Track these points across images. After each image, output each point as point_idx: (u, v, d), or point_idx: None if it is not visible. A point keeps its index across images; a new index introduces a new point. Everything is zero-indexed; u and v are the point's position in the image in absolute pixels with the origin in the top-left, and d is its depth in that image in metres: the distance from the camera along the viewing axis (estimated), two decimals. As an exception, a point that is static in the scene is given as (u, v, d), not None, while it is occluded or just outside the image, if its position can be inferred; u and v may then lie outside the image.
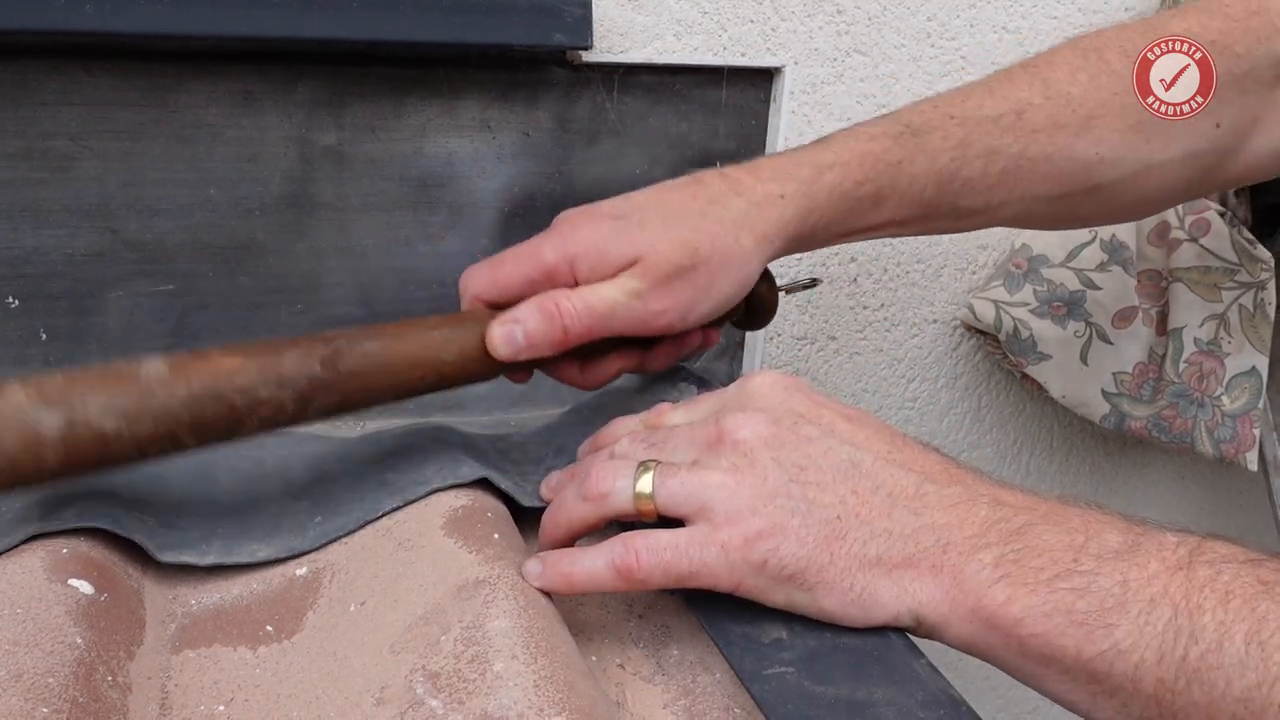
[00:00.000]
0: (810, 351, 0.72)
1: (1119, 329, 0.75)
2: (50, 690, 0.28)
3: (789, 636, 0.34)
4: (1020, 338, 0.73)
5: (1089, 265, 0.74)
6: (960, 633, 0.33)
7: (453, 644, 0.32)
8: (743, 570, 0.34)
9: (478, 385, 0.43)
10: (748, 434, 0.36)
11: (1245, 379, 0.75)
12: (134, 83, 0.49)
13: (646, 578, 0.34)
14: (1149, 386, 0.76)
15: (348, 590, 0.37)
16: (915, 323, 0.75)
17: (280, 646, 0.36)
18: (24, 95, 0.47)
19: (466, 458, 0.43)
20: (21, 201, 0.49)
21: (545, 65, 0.55)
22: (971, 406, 0.81)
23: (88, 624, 0.32)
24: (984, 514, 0.34)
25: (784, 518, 0.34)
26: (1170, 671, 0.29)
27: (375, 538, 0.39)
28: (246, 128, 0.51)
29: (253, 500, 0.43)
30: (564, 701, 0.29)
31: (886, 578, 0.34)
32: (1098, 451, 0.89)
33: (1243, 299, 0.74)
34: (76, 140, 0.49)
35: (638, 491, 0.36)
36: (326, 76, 0.52)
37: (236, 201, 0.52)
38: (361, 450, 0.46)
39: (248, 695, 0.33)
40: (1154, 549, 0.31)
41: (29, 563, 0.34)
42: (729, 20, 0.59)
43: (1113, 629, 0.30)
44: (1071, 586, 0.31)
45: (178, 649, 0.35)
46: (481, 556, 0.36)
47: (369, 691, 0.31)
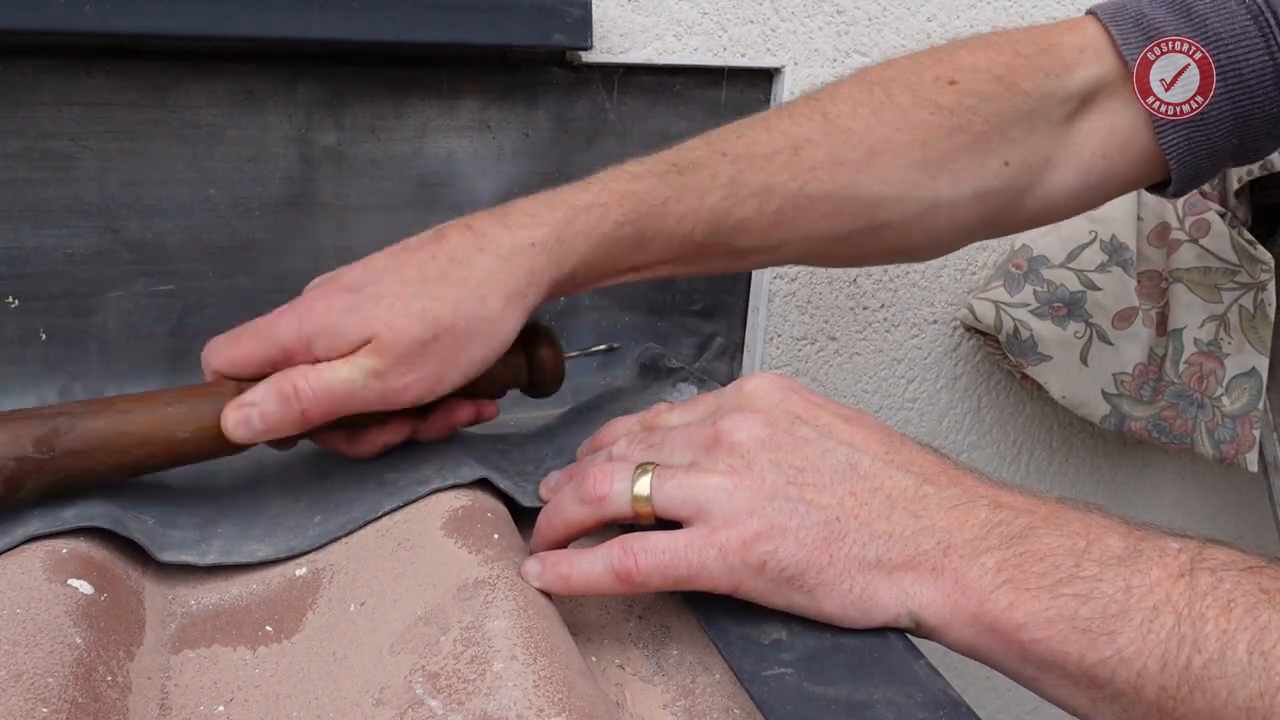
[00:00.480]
0: (810, 352, 0.72)
1: (1119, 330, 0.75)
2: (50, 690, 0.28)
3: (788, 637, 0.34)
4: (1020, 338, 0.73)
5: (1089, 266, 0.74)
6: (961, 636, 0.33)
7: (452, 644, 0.32)
8: (742, 572, 0.34)
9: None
10: (744, 436, 0.36)
11: (1245, 380, 0.75)
12: (134, 82, 0.49)
13: (645, 581, 0.34)
14: (1149, 387, 0.76)
15: (347, 590, 0.37)
16: (915, 323, 0.75)
17: (280, 647, 0.36)
18: (24, 95, 0.47)
19: (466, 458, 0.43)
20: (21, 201, 0.49)
21: (545, 65, 0.55)
22: (971, 407, 0.81)
23: (87, 624, 0.32)
24: (984, 516, 0.34)
25: (782, 519, 0.34)
26: (1173, 680, 0.29)
27: (375, 538, 0.39)
28: (246, 128, 0.51)
29: (252, 500, 0.43)
30: (563, 702, 0.29)
31: (886, 580, 0.34)
32: (1098, 452, 0.89)
33: (1243, 300, 0.74)
34: (76, 140, 0.49)
35: (635, 494, 0.36)
36: (326, 76, 0.52)
37: (236, 201, 0.52)
38: (361, 450, 0.46)
39: (247, 695, 0.33)
40: (1156, 555, 0.31)
41: (29, 563, 0.34)
42: (729, 21, 0.59)
43: (1115, 636, 0.30)
44: (1074, 592, 0.31)
45: (177, 649, 0.35)
46: (481, 557, 0.36)
47: (368, 692, 0.31)
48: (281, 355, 0.39)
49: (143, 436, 0.38)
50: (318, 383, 0.38)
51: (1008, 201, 0.49)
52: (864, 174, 0.45)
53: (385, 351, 0.38)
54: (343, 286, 0.40)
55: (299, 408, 0.38)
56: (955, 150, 0.46)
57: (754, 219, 0.45)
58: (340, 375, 0.38)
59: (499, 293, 0.40)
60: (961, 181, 0.47)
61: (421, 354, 0.39)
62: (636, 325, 0.63)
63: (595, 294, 0.61)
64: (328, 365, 0.39)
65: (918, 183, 0.46)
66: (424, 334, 0.39)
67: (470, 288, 0.39)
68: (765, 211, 0.45)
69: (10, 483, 0.35)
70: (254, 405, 0.39)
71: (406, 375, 0.39)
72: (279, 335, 0.39)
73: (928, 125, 0.46)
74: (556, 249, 0.41)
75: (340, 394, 0.39)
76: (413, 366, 0.39)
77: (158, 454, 0.38)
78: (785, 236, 0.46)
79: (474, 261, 0.40)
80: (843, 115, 0.46)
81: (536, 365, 0.46)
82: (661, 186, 0.43)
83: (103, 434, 0.37)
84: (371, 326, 0.38)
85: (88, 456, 0.37)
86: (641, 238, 0.43)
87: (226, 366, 0.40)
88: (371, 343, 0.38)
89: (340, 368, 0.39)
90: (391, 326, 0.38)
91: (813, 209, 0.45)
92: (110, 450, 0.37)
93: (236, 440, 0.39)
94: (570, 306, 0.61)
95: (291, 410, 0.38)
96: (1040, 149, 0.48)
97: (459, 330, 0.39)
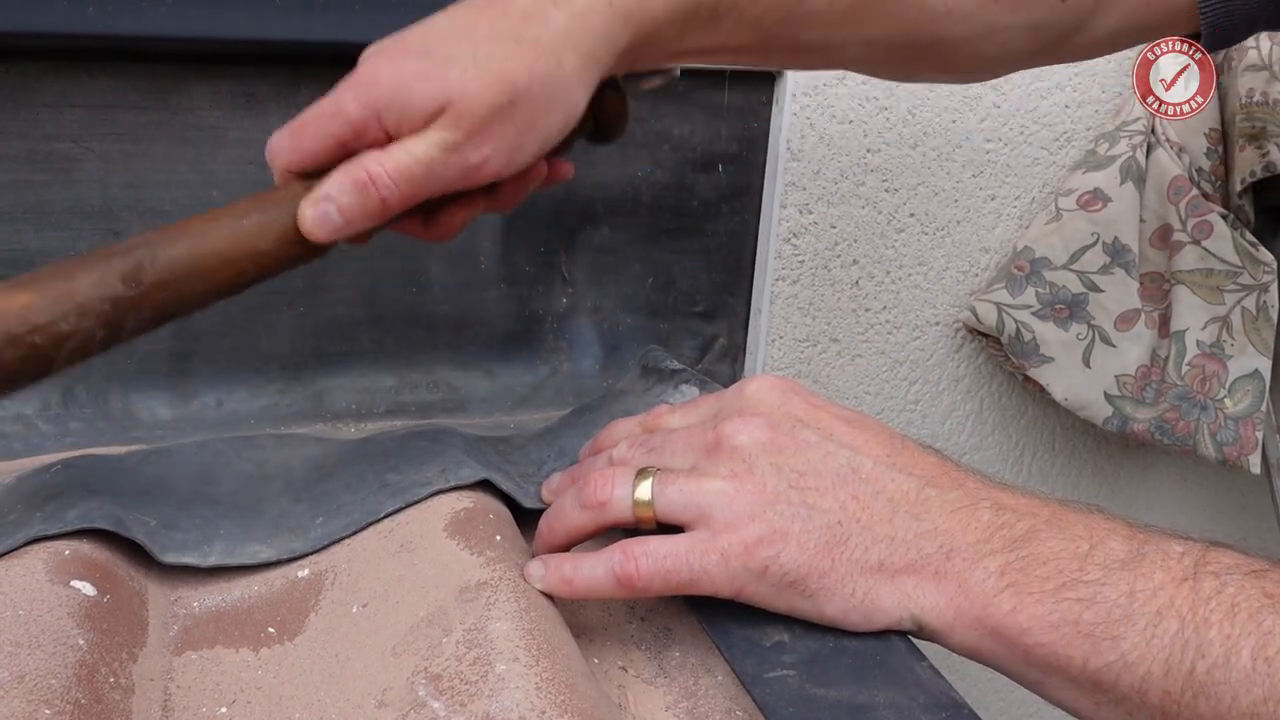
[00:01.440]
0: (813, 354, 0.72)
1: (1121, 331, 0.75)
2: (53, 692, 0.29)
3: (790, 639, 0.34)
4: (1022, 340, 0.73)
5: (1091, 268, 0.74)
6: (964, 640, 0.33)
7: (455, 646, 0.32)
8: (743, 577, 0.34)
9: (478, 387, 0.43)
10: (745, 440, 0.36)
11: (1248, 381, 0.75)
12: (136, 84, 0.49)
13: (646, 586, 0.34)
14: (1151, 389, 0.76)
15: (350, 592, 0.37)
16: (917, 325, 0.75)
17: (282, 648, 0.36)
18: (26, 97, 0.47)
19: (468, 459, 0.43)
20: (24, 203, 0.49)
21: (547, 67, 0.55)
22: (974, 409, 0.81)
23: (90, 625, 0.32)
24: (987, 519, 0.34)
25: (784, 524, 0.34)
26: (1177, 685, 0.29)
27: (377, 539, 0.39)
28: (249, 130, 0.51)
29: (254, 501, 0.43)
30: (566, 703, 0.29)
31: (889, 583, 0.34)
32: (1100, 454, 0.89)
33: (1245, 301, 0.74)
34: (79, 142, 0.49)
35: (636, 499, 0.36)
36: (329, 78, 0.51)
37: (239, 203, 0.52)
38: (363, 452, 0.46)
39: (249, 697, 0.33)
40: (1159, 559, 0.31)
41: (31, 565, 0.34)
42: (731, 22, 0.59)
43: (1119, 641, 0.30)
44: (1078, 597, 0.31)
45: (180, 650, 0.35)
46: (483, 559, 0.36)
47: (371, 694, 0.31)
48: (351, 135, 0.36)
49: (225, 255, 0.36)
50: (393, 165, 0.36)
51: (1056, 38, 0.49)
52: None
53: (461, 122, 0.36)
54: (410, 50, 0.37)
55: (378, 195, 0.36)
56: None
57: (825, 13, 0.44)
58: (417, 154, 0.36)
59: (575, 53, 0.37)
60: (1019, 11, 0.47)
61: (499, 123, 0.36)
62: (638, 327, 0.63)
63: (597, 297, 0.61)
64: (400, 145, 0.36)
65: (981, 4, 0.46)
66: (500, 100, 0.36)
67: (545, 47, 0.37)
68: (835, 8, 0.44)
69: (111, 324, 0.34)
70: (330, 200, 0.36)
71: (484, 147, 0.36)
72: (346, 112, 0.36)
73: None
74: (636, 10, 0.38)
75: (419, 175, 0.36)
76: (490, 136, 0.36)
77: (245, 270, 0.36)
78: (849, 37, 0.46)
79: (549, 19, 0.37)
80: None
81: (602, 110, 0.43)
82: None
83: (185, 260, 0.35)
84: (446, 93, 0.35)
85: (177, 285, 0.35)
86: (716, 13, 0.41)
87: (294, 161, 0.37)
88: (446, 112, 0.36)
89: (415, 145, 0.36)
90: (466, 93, 0.35)
91: (880, 10, 0.45)
92: (197, 275, 0.35)
93: (318, 239, 0.36)
94: (571, 308, 0.61)
95: (371, 199, 0.36)
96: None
97: (536, 95, 0.37)
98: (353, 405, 0.58)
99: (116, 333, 0.34)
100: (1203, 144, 0.76)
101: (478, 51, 0.36)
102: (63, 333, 0.32)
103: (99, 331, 0.33)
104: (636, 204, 0.60)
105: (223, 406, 0.55)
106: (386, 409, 0.58)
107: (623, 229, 0.60)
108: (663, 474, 0.36)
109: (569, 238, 0.59)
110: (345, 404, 0.57)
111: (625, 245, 0.61)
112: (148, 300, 0.34)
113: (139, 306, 0.34)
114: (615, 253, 0.61)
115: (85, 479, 0.41)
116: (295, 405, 0.56)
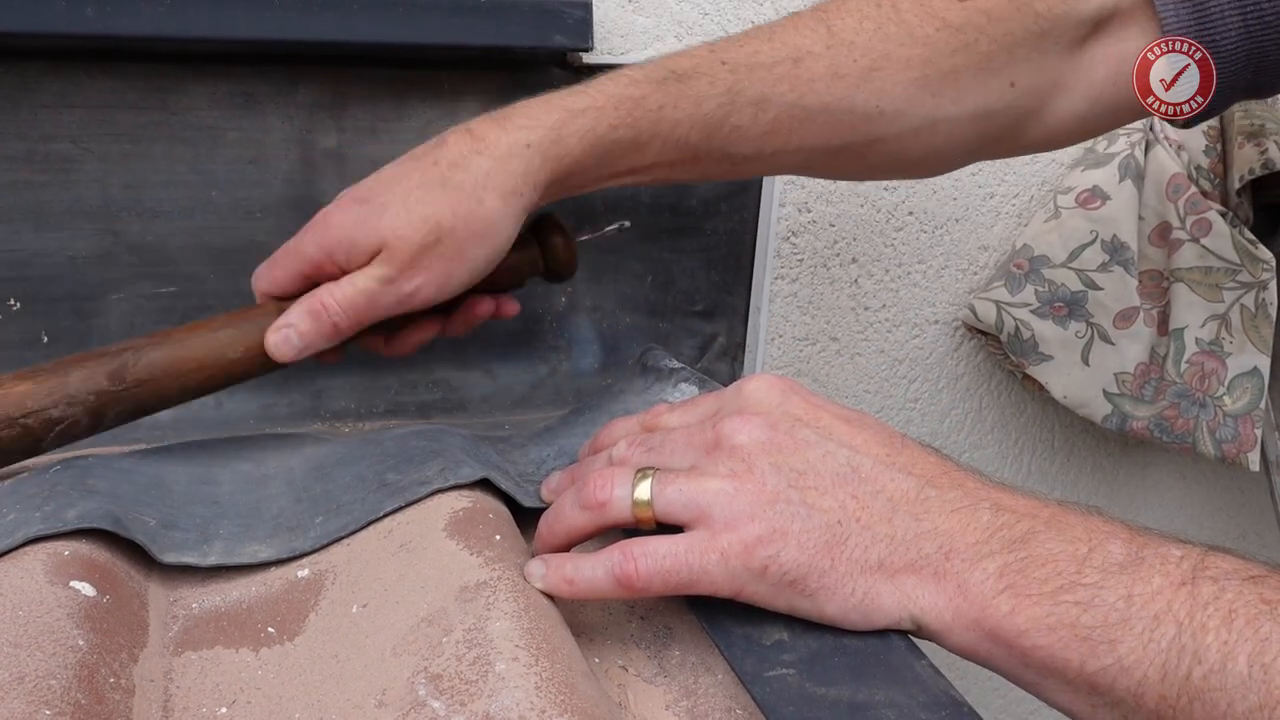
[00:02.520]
0: (812, 352, 0.72)
1: (1120, 329, 0.75)
2: (53, 692, 0.28)
3: (790, 638, 0.34)
4: (1022, 338, 0.73)
5: (1090, 266, 0.74)
6: (962, 641, 0.33)
7: (454, 646, 0.32)
8: (743, 577, 0.34)
9: (477, 387, 0.43)
10: (745, 439, 0.36)
11: (1247, 379, 0.75)
12: (134, 85, 0.49)
13: (646, 586, 0.34)
14: (1150, 387, 0.76)
15: (349, 592, 0.37)
16: (917, 323, 0.75)
17: (282, 648, 0.36)
18: (25, 98, 0.47)
19: (467, 459, 0.43)
20: (23, 204, 0.49)
21: (546, 67, 0.55)
22: (973, 407, 0.81)
23: (90, 626, 0.32)
24: (986, 519, 0.33)
25: (784, 523, 0.34)
26: (1173, 690, 0.29)
27: (377, 539, 0.39)
28: (248, 130, 0.51)
29: (254, 501, 0.43)
30: (566, 703, 0.29)
31: (888, 583, 0.34)
32: (1099, 452, 0.89)
33: (1244, 299, 0.74)
34: (77, 143, 0.49)
35: (636, 499, 0.36)
36: (327, 78, 0.52)
37: (238, 203, 0.52)
38: (362, 451, 0.46)
39: (249, 697, 0.33)
40: (1158, 563, 0.31)
41: (30, 565, 0.34)
42: (729, 21, 0.59)
43: (1116, 645, 0.30)
44: (1075, 600, 0.31)
45: (179, 651, 0.35)
46: (483, 558, 0.36)
47: (371, 694, 0.31)
48: (312, 269, 0.43)
49: (199, 361, 0.42)
50: (340, 295, 0.42)
51: (1011, 123, 0.49)
52: (862, 88, 0.46)
53: (393, 259, 0.42)
54: (356, 199, 0.44)
55: (330, 320, 0.43)
56: (959, 69, 0.46)
57: (749, 128, 0.45)
58: (360, 286, 0.42)
59: (495, 193, 0.42)
60: (963, 100, 0.47)
61: (428, 257, 0.42)
62: (638, 326, 0.63)
63: (597, 296, 0.61)
64: (348, 278, 0.43)
65: (916, 99, 0.46)
66: (427, 239, 0.42)
67: (468, 190, 0.42)
68: (761, 121, 0.45)
69: (94, 413, 0.40)
70: (291, 325, 0.43)
71: (415, 278, 0.42)
72: (306, 252, 0.43)
73: (932, 42, 0.46)
74: (552, 150, 0.43)
75: (362, 303, 0.42)
76: (421, 270, 0.42)
77: (215, 375, 0.43)
78: (781, 146, 0.47)
79: (471, 165, 0.42)
80: (847, 28, 0.46)
81: (550, 253, 0.50)
82: (658, 92, 0.44)
83: (164, 362, 0.42)
84: (380, 236, 0.42)
85: (155, 384, 0.41)
86: (637, 141, 0.44)
87: (269, 288, 0.45)
88: (383, 251, 0.42)
89: (358, 279, 0.42)
90: (397, 234, 0.42)
91: (809, 120, 0.46)
92: (174, 376, 0.42)
93: (281, 360, 0.43)
94: (571, 307, 0.61)
95: (324, 324, 0.43)
96: (1049, 72, 0.48)
97: (459, 232, 0.42)
98: (352, 405, 0.58)
99: (99, 421, 0.41)
100: (1201, 141, 0.76)
101: (409, 198, 0.42)
102: (53, 418, 0.39)
103: (84, 419, 0.40)
104: (636, 203, 0.60)
105: (222, 406, 0.55)
106: (386, 409, 0.58)
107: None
108: (662, 474, 0.36)
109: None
110: (344, 404, 0.57)
111: (624, 244, 0.61)
112: (128, 395, 0.41)
113: (120, 400, 0.41)
114: (614, 251, 0.61)
115: (85, 479, 0.40)
116: (294, 405, 0.57)
